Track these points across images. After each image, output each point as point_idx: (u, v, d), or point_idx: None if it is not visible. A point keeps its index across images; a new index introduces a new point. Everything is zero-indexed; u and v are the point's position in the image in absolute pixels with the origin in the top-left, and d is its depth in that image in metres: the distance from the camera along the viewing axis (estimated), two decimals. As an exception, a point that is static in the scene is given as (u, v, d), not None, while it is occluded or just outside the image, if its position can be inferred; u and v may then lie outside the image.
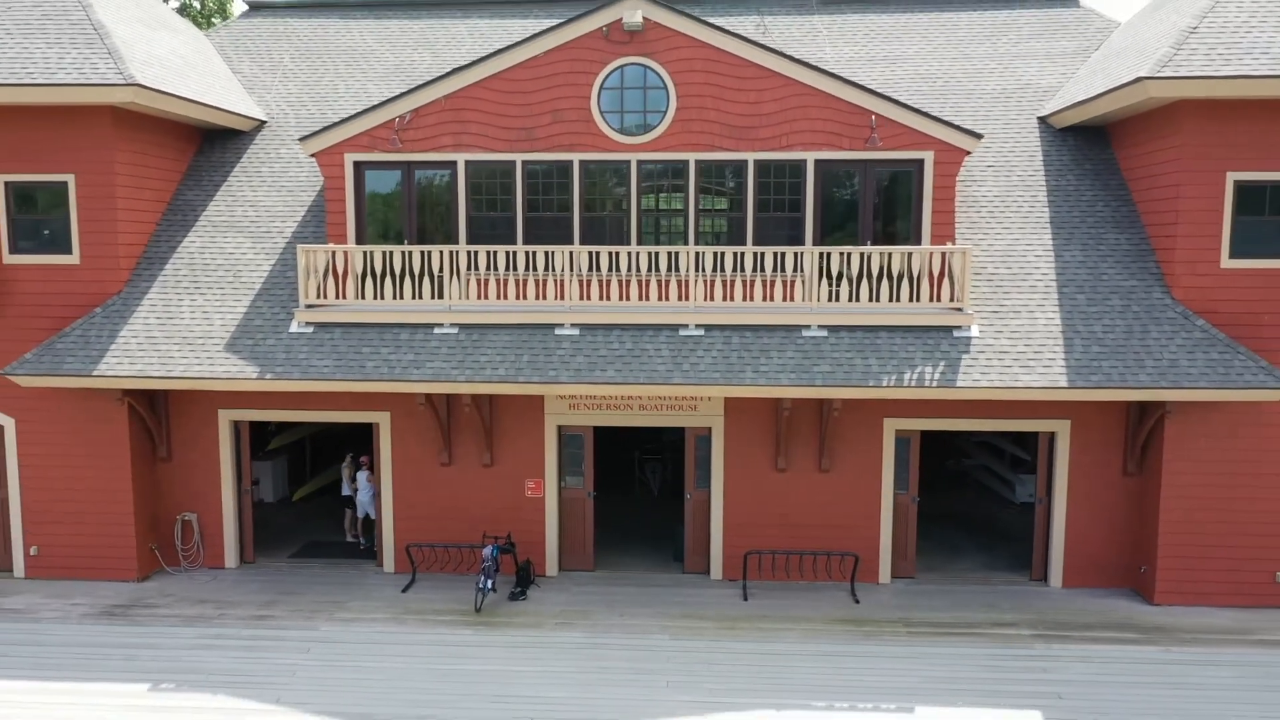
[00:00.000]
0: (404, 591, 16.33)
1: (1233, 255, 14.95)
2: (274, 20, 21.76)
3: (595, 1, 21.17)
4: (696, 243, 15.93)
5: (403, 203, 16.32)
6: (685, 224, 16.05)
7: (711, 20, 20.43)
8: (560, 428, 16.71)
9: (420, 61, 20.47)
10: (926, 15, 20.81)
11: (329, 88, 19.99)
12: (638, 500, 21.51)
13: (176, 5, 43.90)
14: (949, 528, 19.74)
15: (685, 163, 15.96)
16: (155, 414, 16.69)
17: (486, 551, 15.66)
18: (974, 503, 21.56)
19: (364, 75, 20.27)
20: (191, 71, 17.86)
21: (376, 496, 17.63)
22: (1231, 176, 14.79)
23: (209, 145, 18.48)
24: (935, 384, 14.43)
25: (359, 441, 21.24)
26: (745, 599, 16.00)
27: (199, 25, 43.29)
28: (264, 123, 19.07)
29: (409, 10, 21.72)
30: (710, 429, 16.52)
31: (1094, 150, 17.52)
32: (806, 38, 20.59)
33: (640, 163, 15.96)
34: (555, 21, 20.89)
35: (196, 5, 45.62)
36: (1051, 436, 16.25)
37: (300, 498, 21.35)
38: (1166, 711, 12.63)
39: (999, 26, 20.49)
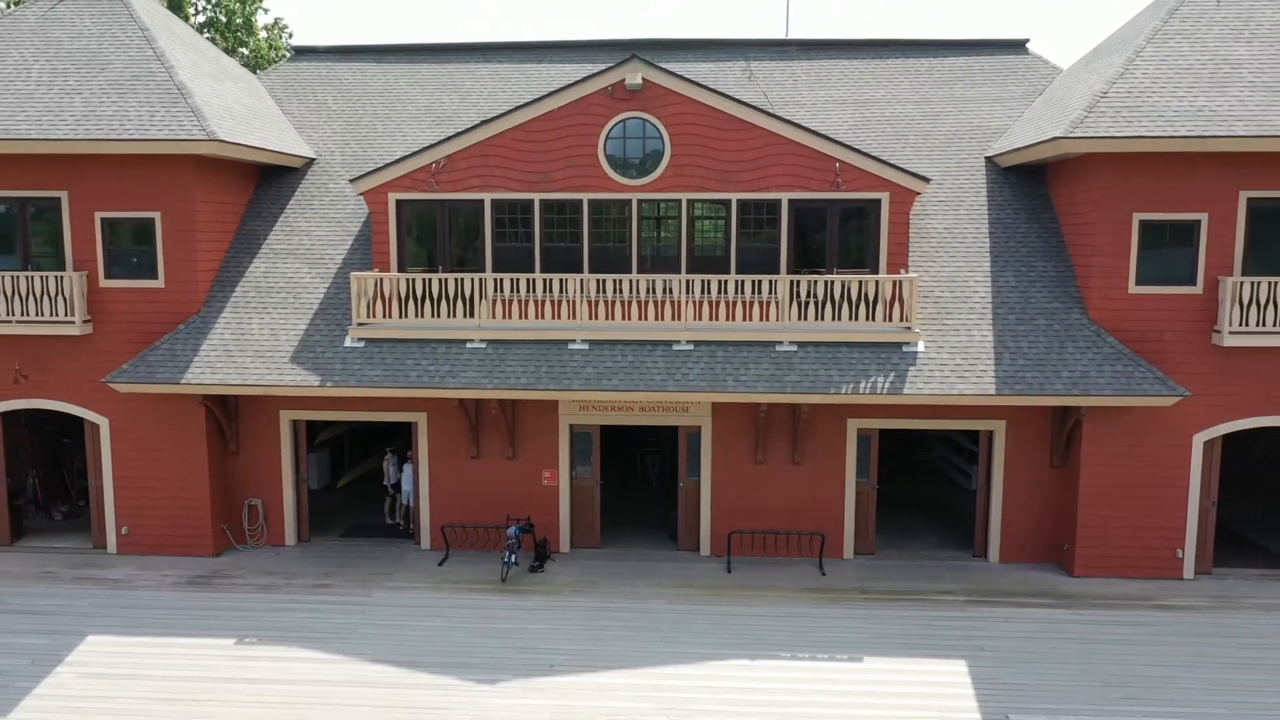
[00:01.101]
0: (440, 565, 19.16)
1: (1138, 282, 17.66)
2: (318, 65, 24.47)
3: (597, 50, 23.88)
4: (688, 270, 18.65)
5: (438, 234, 19.06)
6: (679, 254, 18.77)
7: (703, 64, 23.27)
8: (572, 426, 19.48)
9: (449, 103, 23.18)
10: (893, 61, 23.45)
11: (368, 128, 22.71)
12: (638, 488, 24.20)
13: (202, 20, 46.60)
14: (910, 512, 22.46)
15: (678, 201, 18.67)
16: (227, 414, 19.48)
17: (510, 531, 18.46)
18: (935, 490, 24.28)
19: (399, 116, 22.98)
20: (254, 118, 20.59)
21: (416, 485, 20.46)
22: (1137, 216, 17.49)
23: (267, 181, 21.22)
24: (886, 391, 17.17)
25: (392, 437, 23.96)
26: (729, 571, 18.80)
27: (225, 40, 45.99)
28: (313, 160, 21.80)
29: (437, 55, 24.41)
30: (700, 428, 19.29)
31: (1031, 188, 20.20)
32: (788, 81, 23.25)
33: (640, 201, 18.68)
34: (566, 64, 23.71)
35: (223, 19, 48.47)
36: (990, 435, 18.99)
37: (343, 485, 24.13)
38: (1070, 659, 15.44)
39: (956, 71, 23.13)
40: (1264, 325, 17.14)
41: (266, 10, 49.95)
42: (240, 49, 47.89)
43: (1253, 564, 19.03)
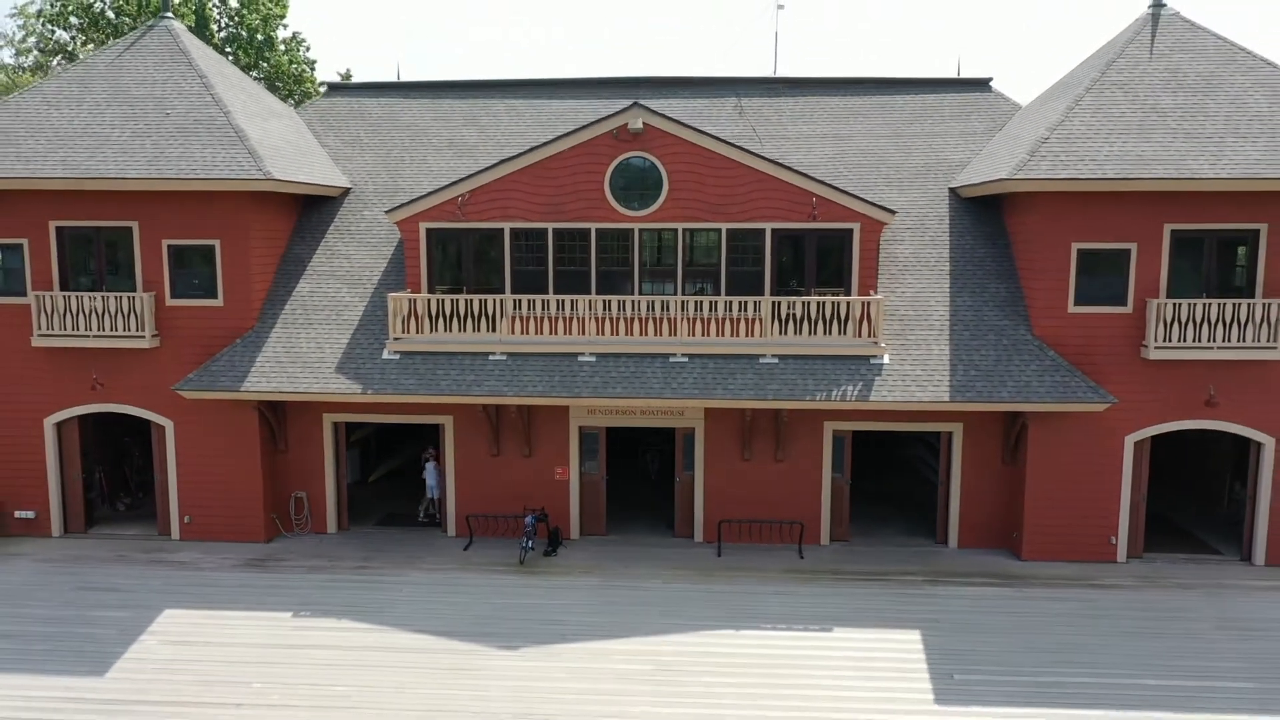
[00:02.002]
0: (465, 550, 21.63)
1: (1076, 303, 20.07)
2: (349, 100, 26.89)
3: (602, 88, 26.29)
4: (683, 292, 21.08)
5: (463, 259, 21.51)
6: (675, 276, 21.21)
7: (698, 100, 25.70)
8: (581, 428, 21.93)
9: (469, 136, 25.61)
10: (868, 98, 25.83)
11: (397, 159, 25.15)
12: (640, 482, 26.61)
13: (225, 35, 48.87)
14: (884, 504, 24.87)
15: (675, 231, 21.09)
16: (277, 417, 21.95)
17: (527, 520, 20.93)
18: (908, 485, 26.69)
19: (424, 148, 25.41)
20: (298, 154, 23.04)
21: (441, 479, 22.90)
22: (1075, 245, 19.90)
23: (309, 209, 23.65)
24: (855, 399, 19.62)
25: (419, 437, 26.39)
26: (719, 555, 21.26)
27: (247, 56, 48.20)
28: (349, 189, 24.24)
29: (458, 92, 26.83)
30: (694, 429, 21.73)
31: (989, 216, 22.60)
32: (775, 116, 25.65)
33: (641, 230, 21.10)
34: (574, 100, 26.13)
35: (244, 35, 50.79)
36: (949, 436, 21.42)
37: (373, 480, 26.60)
38: (1012, 629, 17.91)
39: (925, 108, 25.52)
40: (1185, 341, 19.53)
41: (286, 25, 52.29)
42: (261, 63, 50.28)
43: (1180, 549, 21.47)
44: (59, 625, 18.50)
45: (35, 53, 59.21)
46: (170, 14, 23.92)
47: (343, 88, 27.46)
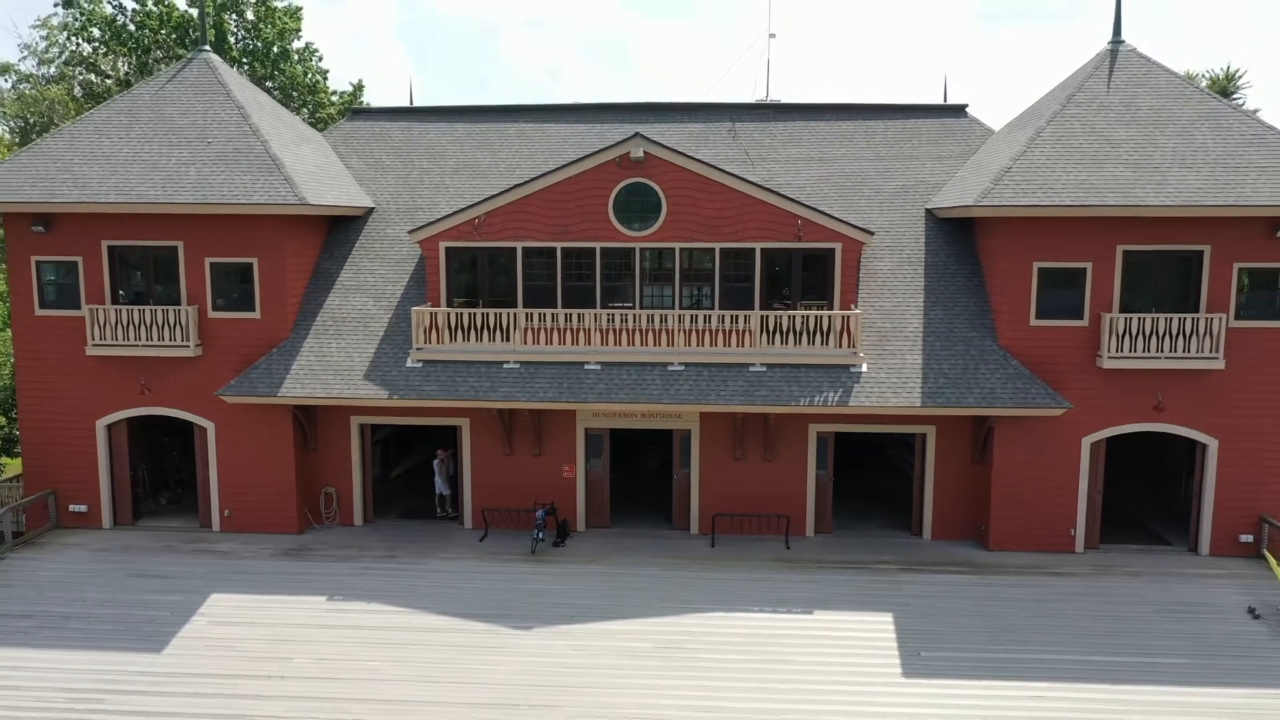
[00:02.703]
0: (481, 540, 23.55)
1: (1037, 317, 21.94)
2: (372, 124, 28.77)
3: (606, 113, 28.16)
4: (680, 306, 22.96)
5: (479, 275, 23.38)
6: (673, 291, 23.09)
7: (695, 124, 27.58)
8: (587, 430, 23.81)
9: (482, 158, 27.47)
10: (852, 123, 27.68)
11: (416, 180, 27.03)
12: (640, 479, 28.47)
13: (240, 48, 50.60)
14: (867, 499, 26.73)
15: (673, 250, 22.96)
16: (309, 419, 23.85)
17: (538, 514, 22.83)
18: (890, 482, 28.54)
19: (441, 169, 27.29)
20: (327, 177, 24.92)
21: (451, 479, 24.80)
22: (1036, 264, 21.77)
23: (336, 227, 25.52)
24: (836, 404, 21.50)
25: (436, 436, 28.22)
26: (713, 546, 23.16)
27: (263, 68, 49.88)
28: (373, 209, 26.12)
29: (472, 116, 28.68)
30: (690, 431, 23.62)
31: (962, 236, 24.45)
32: (767, 140, 27.50)
33: (642, 250, 22.96)
34: (580, 125, 28.01)
35: (260, 46, 52.59)
36: (923, 437, 23.30)
37: (395, 476, 28.50)
38: (975, 612, 19.80)
39: (905, 132, 27.37)
40: (1135, 352, 21.39)
41: (300, 35, 54.05)
42: (276, 73, 52.07)
43: (1134, 540, 23.36)
44: (117, 608, 20.43)
45: (58, 63, 61.13)
46: (208, 47, 25.83)
47: (365, 112, 29.35)
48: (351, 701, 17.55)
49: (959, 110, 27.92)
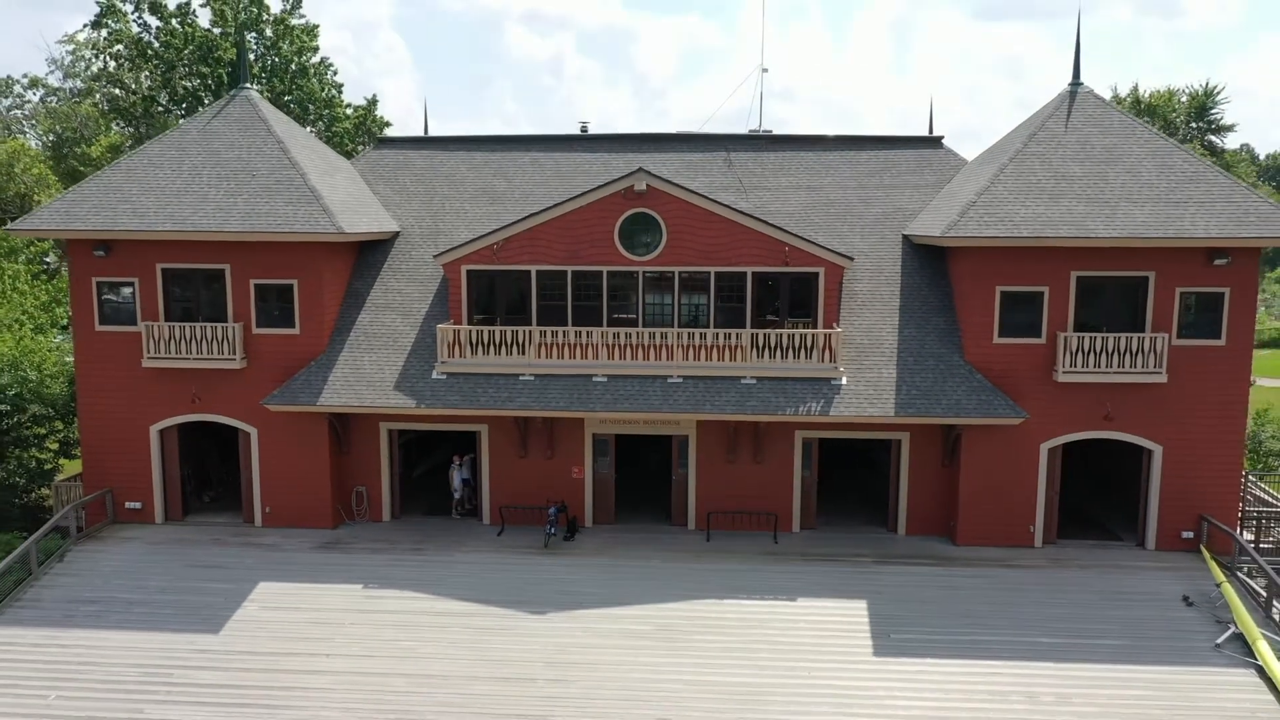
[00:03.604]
0: (499, 535, 25.79)
1: (1000, 335, 24.14)
2: (396, 152, 31.01)
3: (613, 143, 30.38)
4: (679, 324, 25.18)
5: (497, 295, 25.61)
6: (672, 311, 25.32)
7: (693, 153, 29.81)
8: (594, 435, 26.05)
9: (498, 185, 29.70)
10: (837, 154, 29.88)
11: (438, 205, 29.25)
12: (643, 480, 30.65)
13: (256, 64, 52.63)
14: (850, 498, 28.93)
15: (672, 273, 25.19)
16: (342, 425, 26.10)
17: (550, 510, 25.08)
18: (873, 482, 30.74)
19: (460, 195, 29.52)
20: (358, 205, 27.16)
21: (467, 481, 27.06)
22: (999, 288, 23.98)
23: (366, 250, 27.71)
24: (818, 414, 23.73)
25: (454, 439, 30.43)
26: (708, 540, 25.40)
27: (282, 84, 51.90)
28: (398, 233, 28.36)
29: (489, 146, 30.90)
30: (688, 436, 25.85)
31: (934, 260, 26.66)
32: (759, 168, 29.72)
33: (644, 273, 25.18)
34: (588, 154, 30.21)
35: (279, 62, 54.68)
36: (899, 442, 25.54)
37: (418, 475, 30.74)
38: (941, 600, 22.05)
39: (886, 162, 29.59)
40: (1088, 367, 23.60)
41: (317, 49, 56.17)
42: (295, 89, 54.16)
43: (1090, 536, 25.58)
44: (176, 594, 22.72)
45: (84, 78, 63.28)
46: (249, 85, 28.07)
47: (389, 141, 31.59)
48: (389, 676, 19.89)
49: (935, 142, 30.15)
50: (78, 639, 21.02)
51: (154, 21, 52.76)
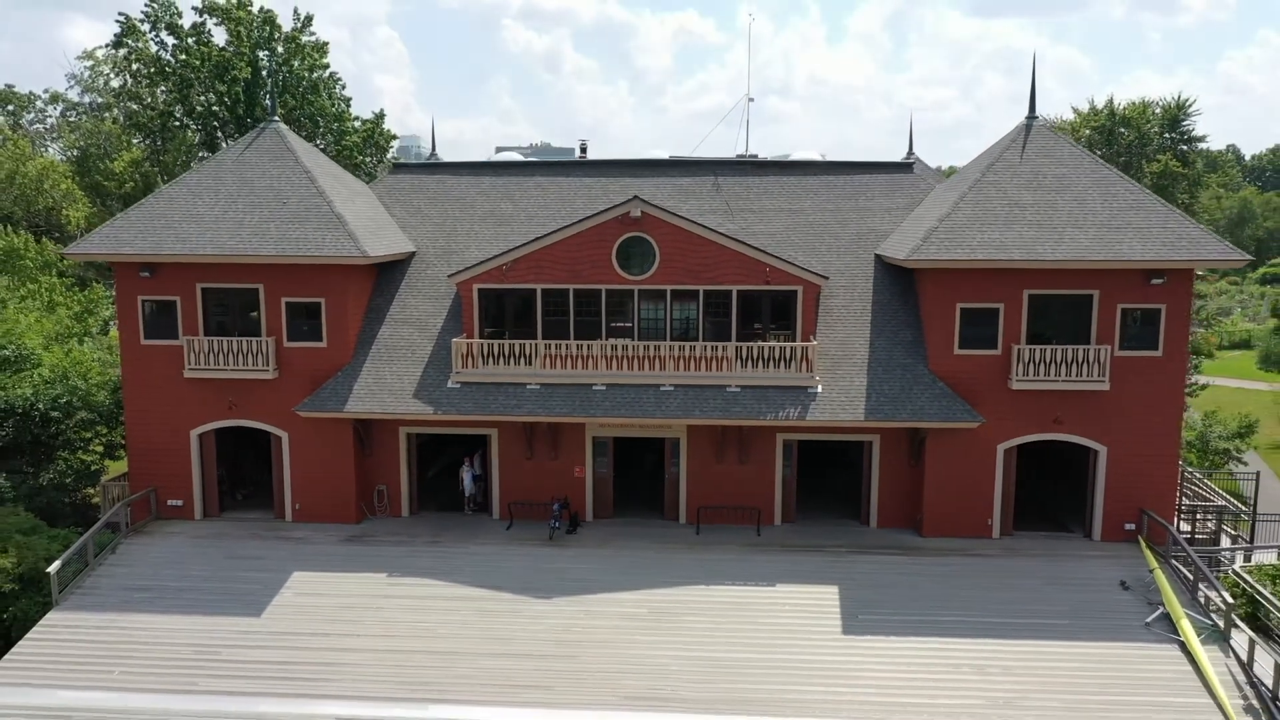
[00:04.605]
0: (508, 529, 28.14)
1: (960, 347, 26.49)
2: (412, 177, 33.34)
3: (610, 168, 32.71)
4: (670, 337, 27.53)
5: (505, 311, 27.95)
6: (665, 325, 27.66)
7: (684, 178, 32.15)
8: (594, 438, 28.39)
9: (505, 208, 32.04)
10: (818, 178, 32.24)
11: (450, 226, 31.59)
12: (638, 478, 32.94)
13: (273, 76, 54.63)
14: (828, 495, 31.28)
15: (665, 291, 27.50)
16: (365, 429, 28.45)
17: (554, 506, 27.44)
18: (850, 480, 33.05)
19: (470, 217, 31.85)
20: (378, 228, 29.49)
21: (476, 479, 29.41)
22: (959, 304, 26.32)
23: (385, 269, 30.00)
24: (795, 419, 26.10)
25: (463, 443, 32.74)
26: (698, 533, 27.76)
27: (294, 100, 53.70)
28: (414, 253, 30.70)
29: (496, 171, 33.23)
30: (679, 439, 28.20)
31: (903, 277, 29.00)
32: (745, 192, 32.07)
33: (639, 291, 27.50)
34: (587, 178, 32.53)
35: (290, 77, 56.73)
36: (870, 444, 27.92)
37: (432, 474, 33.06)
38: (905, 585, 24.42)
39: (861, 186, 31.95)
40: (1039, 376, 25.93)
41: (327, 65, 58.31)
42: (306, 104, 56.27)
43: (1044, 528, 27.92)
44: (219, 582, 25.06)
45: (104, 93, 65.50)
46: (277, 118, 30.40)
47: (405, 167, 33.94)
48: (412, 653, 22.25)
49: (906, 167, 32.52)
50: (135, 622, 23.36)
51: (171, 40, 54.71)
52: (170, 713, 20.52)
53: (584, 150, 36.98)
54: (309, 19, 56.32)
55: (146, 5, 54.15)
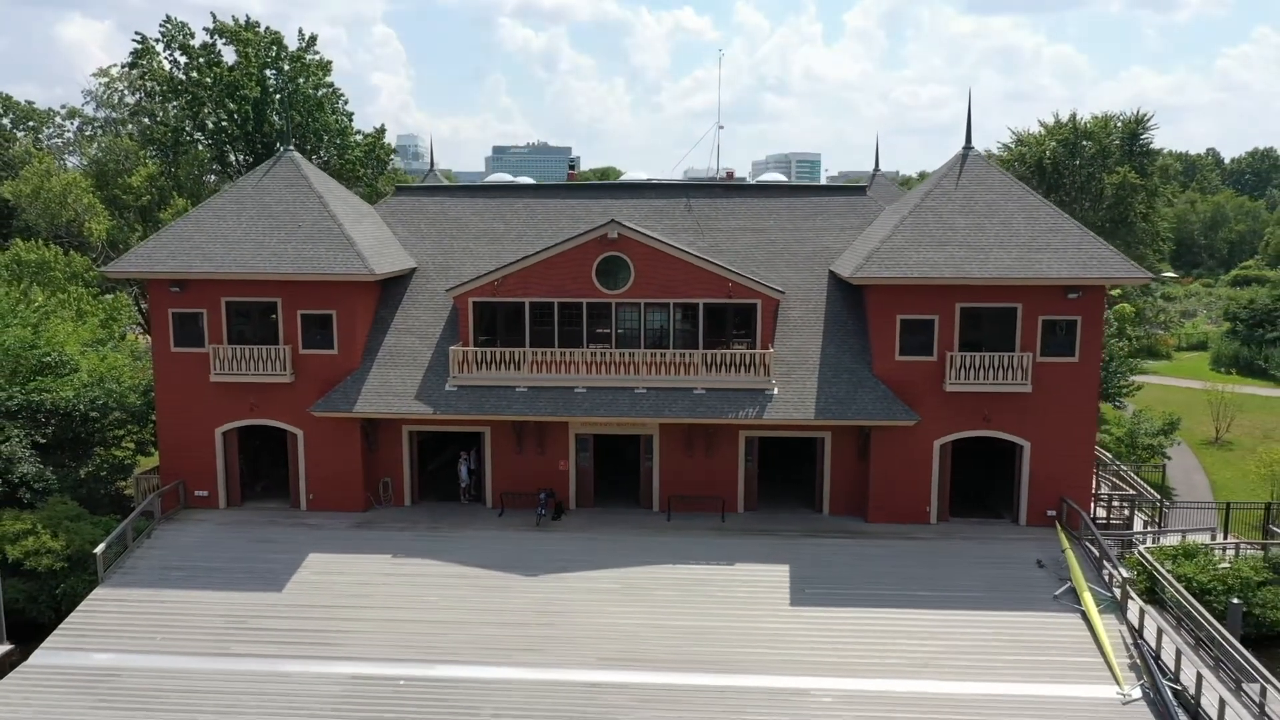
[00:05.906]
0: (499, 516, 31.09)
1: (900, 354, 29.46)
2: (413, 198, 36.27)
3: (592, 190, 35.68)
4: (644, 345, 30.49)
5: (497, 322, 30.90)
6: (639, 334, 30.65)
7: (658, 200, 35.13)
8: (577, 435, 31.35)
9: (498, 227, 34.96)
10: (780, 200, 35.22)
11: (448, 244, 34.52)
12: (616, 471, 35.90)
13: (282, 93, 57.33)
14: (791, 486, 34.20)
15: (639, 304, 30.46)
16: (371, 427, 31.38)
17: (541, 496, 30.40)
18: (805, 472, 36.01)
19: (465, 236, 34.78)
20: (383, 247, 32.43)
21: (471, 472, 32.37)
22: (899, 316, 29.30)
23: (389, 283, 32.89)
24: (754, 417, 29.08)
25: (459, 439, 35.67)
26: (669, 520, 30.72)
27: (299, 114, 56.21)
28: (415, 269, 33.65)
29: (489, 193, 36.18)
30: (652, 435, 31.15)
31: (854, 291, 31.93)
32: (714, 212, 35.01)
33: (616, 304, 30.47)
34: (571, 200, 35.49)
35: (295, 92, 59.41)
36: (822, 440, 30.92)
37: (431, 468, 36.01)
38: (849, 563, 27.40)
39: (819, 207, 34.92)
40: (970, 380, 28.90)
41: (331, 84, 61.04)
42: (311, 121, 58.95)
43: (977, 515, 30.94)
44: (245, 563, 27.97)
45: (119, 109, 68.11)
46: (292, 147, 33.29)
47: (407, 189, 36.87)
48: (415, 623, 25.21)
49: (860, 190, 35.55)
50: (172, 596, 26.28)
51: (183, 59, 57.36)
52: (205, 672, 23.46)
53: (573, 167, 40.04)
54: (313, 39, 58.93)
55: (162, 26, 56.83)
